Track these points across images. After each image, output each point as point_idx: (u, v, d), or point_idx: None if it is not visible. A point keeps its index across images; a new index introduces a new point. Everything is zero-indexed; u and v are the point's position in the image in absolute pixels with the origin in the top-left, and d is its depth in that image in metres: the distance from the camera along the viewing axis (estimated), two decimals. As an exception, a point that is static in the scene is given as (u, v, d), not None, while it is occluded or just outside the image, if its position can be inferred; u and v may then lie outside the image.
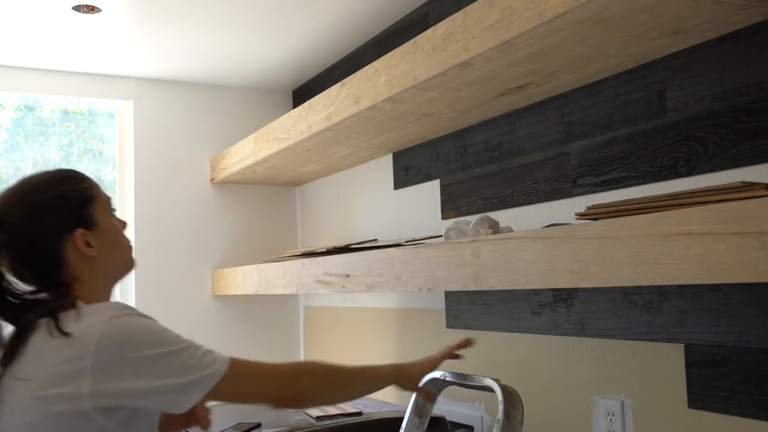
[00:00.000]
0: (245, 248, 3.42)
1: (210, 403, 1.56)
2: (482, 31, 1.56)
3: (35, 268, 1.36)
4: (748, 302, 1.44)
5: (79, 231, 1.37)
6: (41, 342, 1.26)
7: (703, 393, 1.54)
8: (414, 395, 1.83)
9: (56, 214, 1.36)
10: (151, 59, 3.04)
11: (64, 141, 3.28)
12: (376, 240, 2.51)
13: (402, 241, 2.12)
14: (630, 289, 1.70)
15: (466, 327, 2.27)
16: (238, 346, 2.91)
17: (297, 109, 2.53)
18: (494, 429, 1.60)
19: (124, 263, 1.50)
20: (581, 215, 1.45)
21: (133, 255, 1.53)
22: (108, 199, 1.48)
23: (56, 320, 1.26)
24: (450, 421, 2.12)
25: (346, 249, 2.30)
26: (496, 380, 1.66)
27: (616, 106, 1.73)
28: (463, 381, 1.74)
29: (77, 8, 2.46)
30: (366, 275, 2.05)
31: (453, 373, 1.79)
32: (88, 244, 1.38)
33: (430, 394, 1.77)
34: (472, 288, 1.65)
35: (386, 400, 2.44)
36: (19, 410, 1.24)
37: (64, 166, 3.22)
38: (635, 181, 1.68)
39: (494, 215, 2.14)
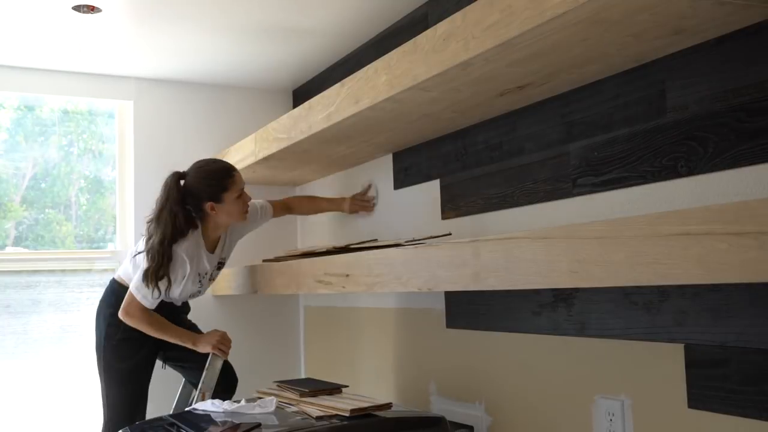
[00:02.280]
0: (245, 248, 3.42)
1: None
2: (482, 31, 1.56)
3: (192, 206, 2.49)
4: (748, 302, 1.44)
5: (210, 203, 2.45)
6: None
7: (703, 393, 1.54)
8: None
9: (201, 190, 2.46)
10: (151, 59, 3.04)
11: (64, 141, 3.28)
12: (376, 240, 2.51)
13: (402, 241, 2.12)
14: (630, 289, 1.70)
15: (466, 327, 2.27)
16: (238, 346, 2.91)
17: (297, 109, 2.53)
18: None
19: (234, 220, 2.56)
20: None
21: (246, 215, 2.56)
22: (239, 189, 2.49)
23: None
24: (450, 421, 2.12)
25: (346, 249, 2.30)
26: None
27: (616, 106, 1.73)
28: None
29: (77, 8, 2.46)
30: (366, 275, 2.05)
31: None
32: (212, 209, 2.46)
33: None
34: (472, 288, 1.65)
35: (386, 400, 2.44)
36: None
37: (71, 164, 3.22)
38: (635, 181, 1.68)
39: (494, 215, 2.14)
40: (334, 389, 2.26)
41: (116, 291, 2.57)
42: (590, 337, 1.82)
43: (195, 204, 2.46)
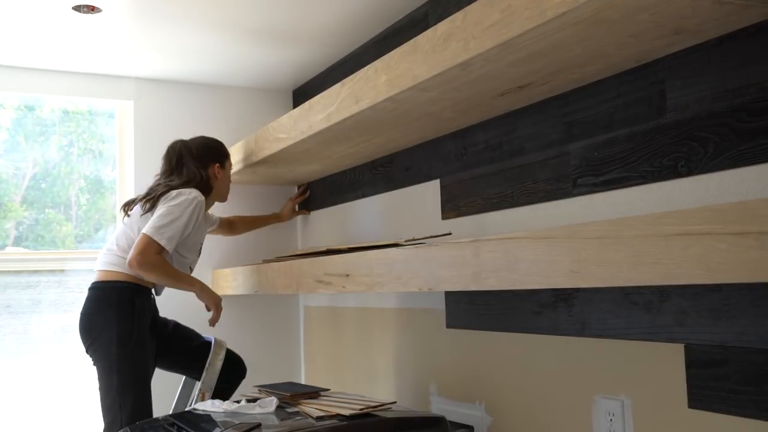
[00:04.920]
0: (245, 248, 3.42)
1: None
2: (482, 31, 1.56)
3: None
4: (748, 302, 1.44)
5: (216, 165, 2.66)
6: None
7: (703, 393, 1.54)
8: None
9: (207, 152, 2.65)
10: (151, 59, 3.04)
11: (64, 141, 3.28)
12: (376, 240, 2.51)
13: (402, 241, 2.12)
14: (630, 289, 1.70)
15: (466, 327, 2.27)
16: (238, 346, 2.92)
17: (297, 109, 2.53)
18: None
19: (222, 195, 2.74)
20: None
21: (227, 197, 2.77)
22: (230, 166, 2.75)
23: None
24: (450, 421, 2.12)
25: (346, 249, 2.30)
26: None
27: (617, 106, 1.74)
28: None
29: (77, 8, 2.46)
30: (366, 275, 2.05)
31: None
32: (217, 172, 2.66)
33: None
34: (472, 288, 1.65)
35: (386, 400, 2.44)
36: None
37: (71, 164, 3.23)
38: (635, 181, 1.68)
39: (494, 215, 2.14)
40: (314, 393, 2.25)
41: (115, 288, 2.45)
42: (590, 337, 1.82)
43: (202, 164, 2.61)
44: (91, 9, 2.47)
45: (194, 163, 2.60)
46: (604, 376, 1.78)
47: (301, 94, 3.46)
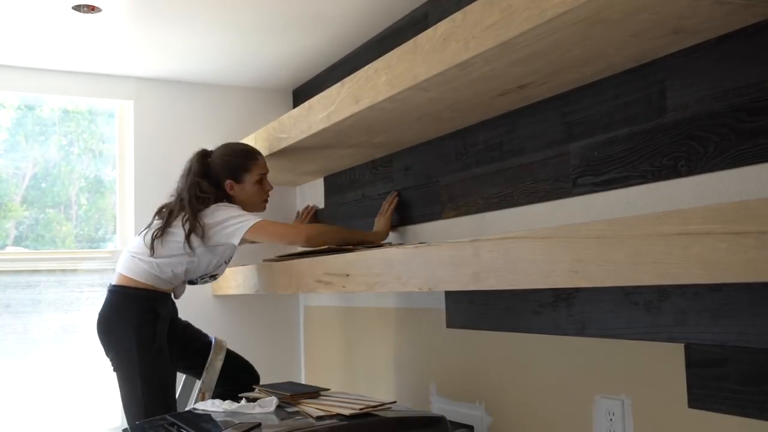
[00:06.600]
0: (245, 248, 3.42)
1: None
2: (482, 31, 1.56)
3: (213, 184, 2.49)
4: (748, 302, 1.44)
5: (229, 181, 2.49)
6: None
7: (703, 393, 1.54)
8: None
9: (222, 167, 2.50)
10: (151, 59, 3.04)
11: (64, 141, 3.28)
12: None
13: (402, 242, 2.12)
14: (630, 289, 1.70)
15: (466, 327, 2.27)
16: (238, 346, 2.91)
17: (297, 109, 2.53)
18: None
19: (252, 206, 2.55)
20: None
21: (265, 205, 2.62)
22: (260, 173, 2.53)
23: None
24: (450, 421, 2.12)
25: (346, 249, 2.30)
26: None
27: (617, 106, 1.73)
28: None
29: (77, 8, 2.46)
30: (366, 275, 2.05)
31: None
32: (231, 188, 2.50)
33: None
34: (472, 288, 1.65)
35: (388, 400, 2.44)
36: None
37: (71, 163, 3.23)
38: (635, 181, 1.68)
39: (494, 215, 2.14)
40: (314, 392, 2.24)
41: (133, 295, 2.39)
42: (590, 337, 1.82)
43: (216, 182, 2.46)
44: (91, 9, 2.47)
45: (205, 181, 2.45)
46: (604, 376, 1.78)
47: (301, 94, 3.46)
